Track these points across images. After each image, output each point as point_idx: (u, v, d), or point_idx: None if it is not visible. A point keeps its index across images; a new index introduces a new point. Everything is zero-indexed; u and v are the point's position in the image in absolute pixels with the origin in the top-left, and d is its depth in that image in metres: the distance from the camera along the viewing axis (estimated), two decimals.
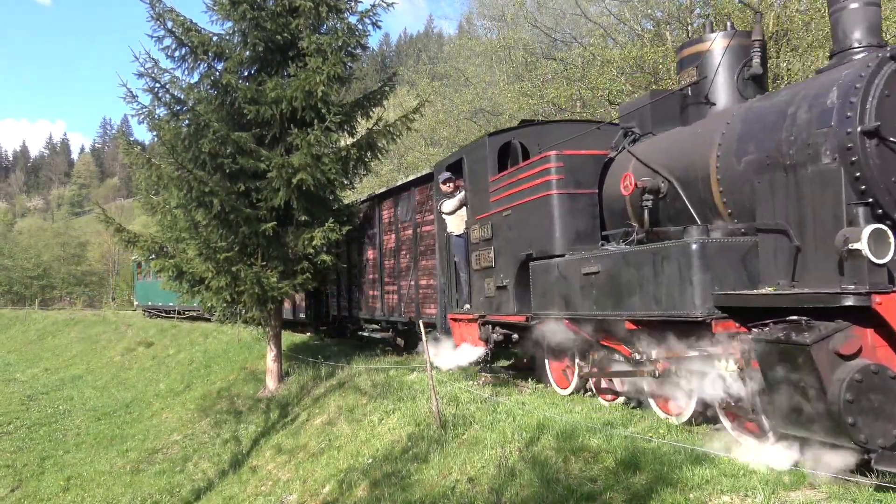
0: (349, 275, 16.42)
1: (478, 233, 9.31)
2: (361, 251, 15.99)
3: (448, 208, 10.13)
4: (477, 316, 9.32)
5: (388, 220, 14.48)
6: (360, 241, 16.04)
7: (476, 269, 9.40)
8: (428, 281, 12.40)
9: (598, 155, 7.74)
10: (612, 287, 6.41)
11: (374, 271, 15.11)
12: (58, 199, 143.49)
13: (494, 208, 8.74)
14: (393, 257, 14.07)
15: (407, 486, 6.92)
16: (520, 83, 22.68)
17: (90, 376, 25.33)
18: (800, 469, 4.91)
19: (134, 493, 11.26)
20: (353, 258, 16.38)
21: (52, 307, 59.01)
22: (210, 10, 13.23)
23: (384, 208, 14.79)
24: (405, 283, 13.33)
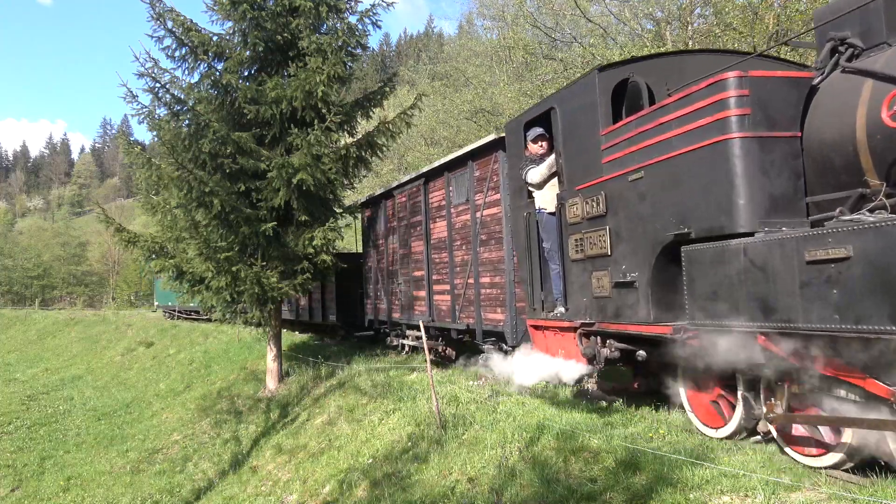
0: (388, 271, 14.68)
1: (578, 209, 6.70)
2: (406, 242, 13.74)
3: (536, 177, 7.42)
4: (578, 324, 6.77)
5: (437, 203, 12.33)
6: (403, 230, 13.87)
7: (576, 258, 6.81)
8: (492, 278, 10.34)
9: (800, 78, 5.21)
10: (883, 285, 3.91)
11: (420, 267, 13.00)
12: (58, 199, 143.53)
13: (610, 172, 6.20)
14: (444, 250, 11.98)
15: (407, 486, 6.92)
16: (520, 83, 22.69)
17: (90, 376, 25.33)
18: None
19: (134, 493, 11.26)
20: (394, 251, 14.37)
21: (53, 307, 59.08)
22: (210, 10, 13.24)
23: (433, 189, 12.50)
24: (460, 280, 11.36)
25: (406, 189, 13.65)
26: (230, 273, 12.06)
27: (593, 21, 18.76)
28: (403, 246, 13.74)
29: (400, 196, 14.03)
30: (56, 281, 69.31)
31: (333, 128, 12.89)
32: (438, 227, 12.27)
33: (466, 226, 11.15)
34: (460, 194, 11.38)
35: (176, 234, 13.16)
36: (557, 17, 20.77)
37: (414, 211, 13.25)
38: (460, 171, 11.37)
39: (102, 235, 64.69)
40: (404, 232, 13.73)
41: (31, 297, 66.01)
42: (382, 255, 15.02)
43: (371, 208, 16.21)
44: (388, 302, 14.66)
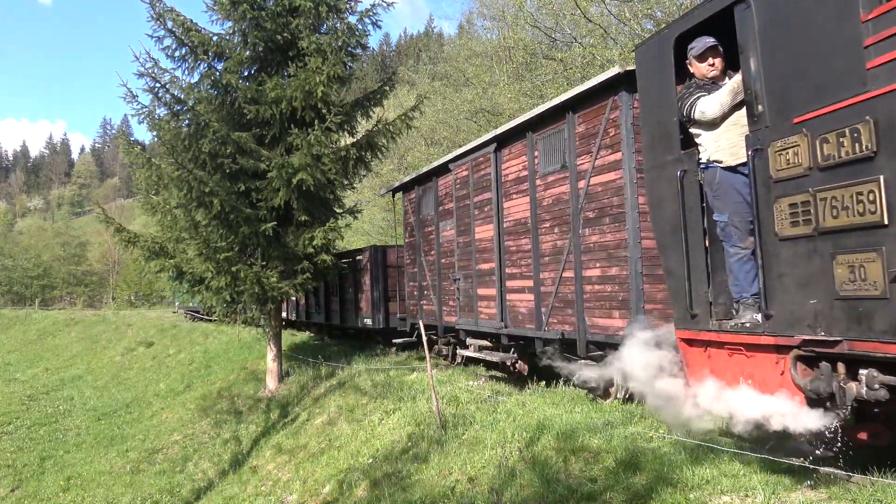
0: (440, 265, 12.48)
1: (802, 153, 4.13)
2: (466, 228, 11.32)
3: (716, 109, 4.90)
4: (797, 340, 4.22)
5: (514, 174, 9.89)
6: (462, 212, 11.48)
7: (793, 234, 4.24)
8: (605, 270, 7.94)
9: None
10: None
11: (487, 258, 10.65)
12: (58, 199, 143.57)
13: (888, 82, 3.65)
14: (525, 234, 9.59)
15: (407, 486, 6.92)
16: (520, 83, 22.69)
17: (90, 376, 25.33)
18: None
19: (134, 493, 11.26)
20: (448, 239, 12.10)
21: (53, 307, 59.09)
22: (210, 10, 13.25)
23: (508, 157, 10.12)
24: (550, 273, 9.00)
25: (467, 160, 11.28)
26: (230, 273, 12.06)
27: (593, 21, 18.75)
28: (463, 232, 11.42)
29: (459, 170, 11.64)
30: (56, 281, 69.33)
31: (333, 128, 12.89)
32: (516, 206, 9.83)
33: (562, 201, 8.70)
34: (551, 160, 8.95)
35: (176, 234, 13.17)
36: (557, 17, 20.77)
37: (479, 187, 10.82)
38: (552, 130, 8.90)
39: (102, 235, 64.71)
40: (464, 214, 11.35)
41: (31, 297, 66.01)
42: (431, 245, 12.84)
43: (414, 190, 13.99)
44: (438, 302, 12.47)
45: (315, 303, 20.37)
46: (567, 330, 8.63)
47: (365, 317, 16.14)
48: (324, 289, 18.87)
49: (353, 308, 16.93)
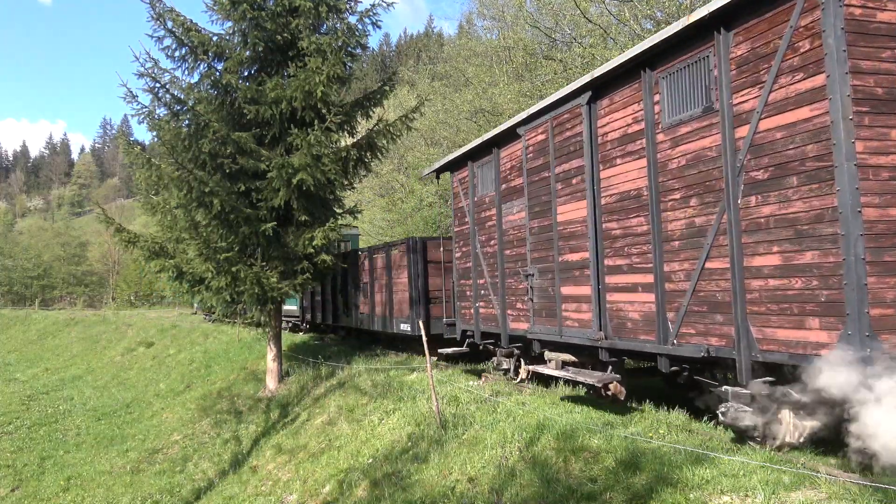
0: (503, 257, 10.22)
1: None
2: (543, 207, 8.93)
3: None
4: None
5: (620, 131, 7.51)
6: (537, 188, 9.10)
7: None
8: (790, 256, 5.53)
9: None
10: None
11: (577, 245, 8.23)
12: (58, 199, 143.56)
13: None
14: (636, 212, 7.26)
15: (407, 485, 6.92)
16: (520, 83, 22.68)
17: (90, 376, 25.32)
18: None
19: (134, 493, 11.26)
20: (515, 224, 9.84)
21: (53, 307, 59.09)
22: (210, 10, 13.26)
23: (607, 109, 7.72)
24: (682, 265, 6.66)
25: (544, 121, 8.85)
26: (230, 273, 12.07)
27: (593, 21, 18.76)
28: (538, 214, 9.03)
29: (531, 135, 9.23)
30: (56, 281, 69.28)
31: (333, 128, 12.90)
32: (622, 174, 7.45)
33: (704, 160, 6.37)
34: (684, 103, 6.63)
35: (176, 235, 13.17)
36: (557, 17, 20.78)
37: (564, 153, 8.43)
38: (685, 60, 6.62)
39: (102, 235, 64.70)
40: (540, 191, 8.96)
41: (31, 297, 65.99)
42: (490, 234, 10.63)
43: (466, 167, 11.51)
44: (500, 305, 10.21)
45: (343, 303, 18.08)
46: (716, 344, 6.23)
47: (401, 321, 13.94)
48: (352, 287, 17.23)
49: (387, 311, 14.64)
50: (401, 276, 14.16)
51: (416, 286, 13.56)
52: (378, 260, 15.53)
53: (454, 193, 12.25)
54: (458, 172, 12.05)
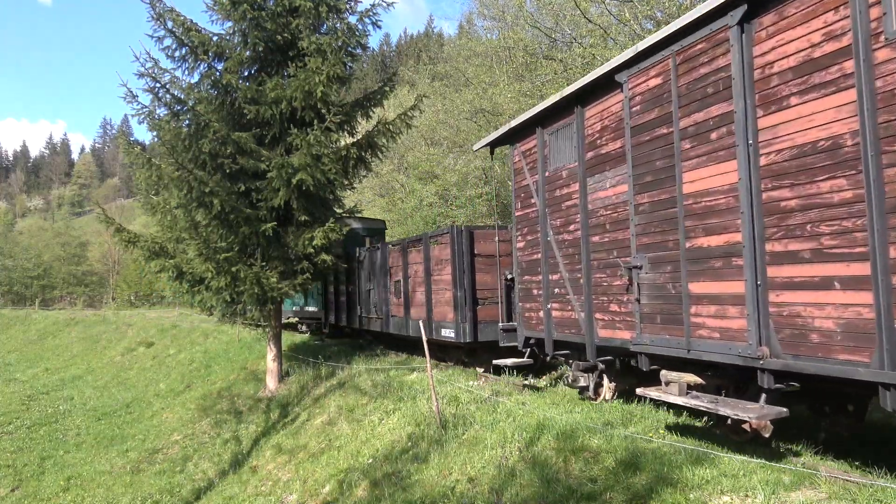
0: (586, 244, 8.20)
1: None
2: (661, 178, 6.88)
3: None
4: None
5: (800, 57, 5.42)
6: (641, 153, 7.18)
7: None
8: None
9: None
10: None
11: (712, 226, 6.23)
12: (58, 199, 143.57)
13: None
14: (827, 173, 5.18)
15: (407, 486, 6.92)
16: (520, 83, 22.69)
17: (90, 376, 25.32)
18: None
19: (134, 493, 11.26)
20: (608, 202, 7.84)
21: (53, 307, 59.09)
22: (210, 10, 13.26)
23: (774, 27, 5.64)
24: None
25: (662, 58, 6.85)
26: (230, 273, 12.07)
27: (593, 22, 18.76)
28: (650, 186, 7.01)
29: (639, 80, 7.22)
30: (56, 281, 69.28)
31: (333, 128, 12.90)
32: (802, 119, 5.38)
33: None
34: None
35: (176, 235, 13.17)
36: (557, 17, 20.78)
37: (694, 99, 6.43)
38: None
39: (102, 235, 64.72)
40: (653, 154, 6.97)
41: (31, 297, 65.99)
42: (568, 216, 8.52)
43: (534, 136, 9.38)
44: (584, 306, 8.18)
45: (373, 304, 15.65)
46: None
47: (443, 326, 11.97)
48: (382, 286, 15.06)
49: (426, 314, 12.68)
50: (443, 272, 12.14)
51: (462, 284, 11.60)
52: (414, 254, 13.40)
53: (515, 170, 9.98)
54: (522, 143, 9.76)
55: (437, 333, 12.25)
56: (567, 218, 8.64)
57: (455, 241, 11.77)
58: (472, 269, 11.67)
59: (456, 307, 11.65)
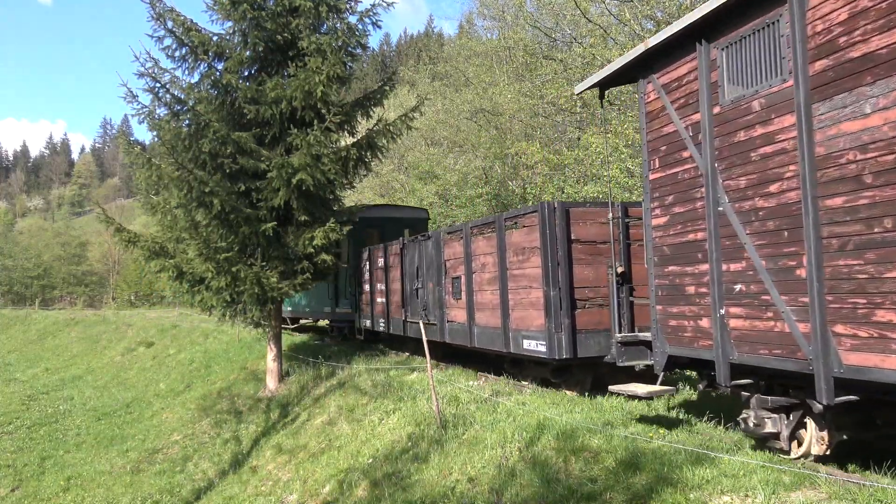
0: (812, 206, 5.17)
1: None
2: None
3: None
4: None
5: None
6: None
7: None
8: None
9: None
10: None
11: None
12: (58, 198, 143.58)
13: None
14: None
15: (407, 485, 6.92)
16: (520, 83, 22.70)
17: (90, 376, 25.32)
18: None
19: (134, 493, 11.26)
20: (856, 136, 4.83)
21: (53, 307, 59.07)
22: (210, 10, 13.26)
23: None
24: None
25: None
26: (230, 273, 12.06)
27: (593, 22, 18.76)
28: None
29: None
30: (56, 281, 69.28)
31: (333, 128, 12.91)
32: None
33: None
34: None
35: (176, 234, 13.17)
36: (557, 17, 20.79)
37: None
38: None
39: (102, 235, 64.70)
40: None
41: (31, 297, 65.96)
42: (766, 170, 5.66)
43: (693, 55, 6.48)
44: (815, 313, 5.14)
45: (425, 302, 12.49)
46: None
47: (525, 336, 9.13)
48: (434, 283, 12.08)
49: (501, 320, 9.70)
50: (526, 264, 9.13)
51: (556, 281, 8.58)
52: (480, 243, 10.40)
53: (648, 114, 7.19)
54: (664, 72, 6.94)
55: (516, 346, 9.36)
56: (764, 173, 5.66)
57: (546, 223, 8.67)
58: (569, 261, 8.66)
59: (548, 311, 8.58)
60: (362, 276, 15.99)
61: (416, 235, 13.26)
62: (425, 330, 9.95)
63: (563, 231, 8.70)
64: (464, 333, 10.95)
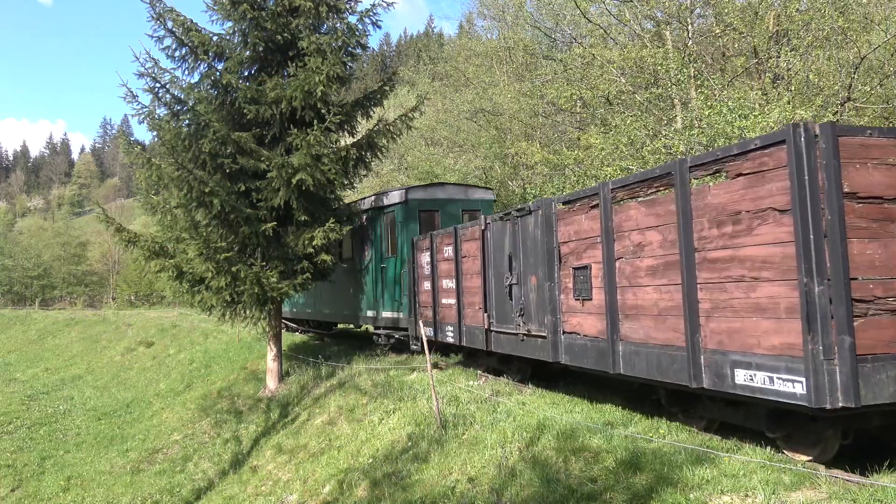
0: None
1: None
2: None
3: None
4: None
5: None
6: None
7: None
8: None
9: None
10: None
11: None
12: (58, 198, 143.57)
13: None
14: None
15: (407, 485, 6.92)
16: (520, 83, 22.70)
17: (90, 376, 25.32)
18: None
19: (134, 492, 11.26)
20: None
21: (53, 307, 59.07)
22: (210, 10, 13.26)
23: None
24: None
25: None
26: (230, 273, 12.06)
27: (593, 22, 18.76)
28: None
29: None
30: (56, 281, 69.23)
31: (333, 128, 12.91)
32: None
33: None
34: None
35: (176, 234, 13.16)
36: (557, 17, 20.79)
37: None
38: None
39: (102, 235, 64.67)
40: None
41: (31, 297, 65.95)
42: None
43: None
44: None
45: (524, 304, 8.68)
46: None
47: (748, 363, 5.24)
48: (550, 272, 8.05)
49: (679, 332, 5.92)
50: (746, 239, 5.31)
51: (821, 266, 4.75)
52: (637, 212, 6.62)
53: None
54: None
55: (718, 378, 5.50)
56: None
57: (802, 162, 4.85)
58: (841, 231, 4.80)
59: (807, 321, 4.73)
60: (419, 270, 12.41)
61: (508, 210, 9.31)
62: (524, 345, 8.13)
63: (834, 177, 4.80)
64: (598, 352, 7.12)
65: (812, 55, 14.29)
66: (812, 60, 14.29)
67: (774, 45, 14.93)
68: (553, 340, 8.00)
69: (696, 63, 15.68)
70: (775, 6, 15.07)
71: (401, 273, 13.69)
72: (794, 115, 11.54)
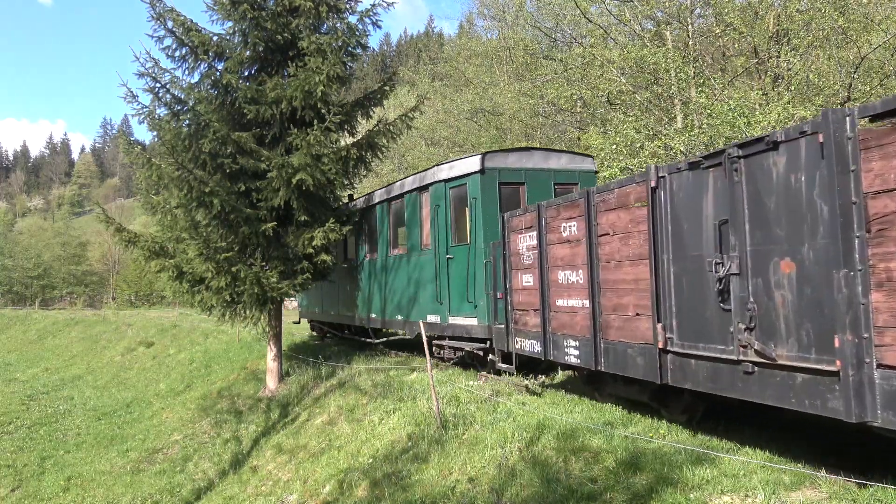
0: None
1: None
2: None
3: None
4: None
5: None
6: None
7: None
8: None
9: None
10: None
11: None
12: (58, 198, 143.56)
13: None
14: None
15: (407, 485, 6.92)
16: (520, 83, 22.70)
17: (90, 376, 25.32)
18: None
19: (134, 493, 11.26)
20: None
21: (53, 307, 59.08)
22: (210, 10, 13.24)
23: None
24: None
25: None
26: (230, 273, 12.06)
27: (593, 21, 18.76)
28: None
29: None
30: (56, 281, 69.23)
31: (333, 128, 12.89)
32: None
33: None
34: None
35: (176, 234, 13.16)
36: (557, 17, 20.79)
37: None
38: None
39: (102, 235, 64.67)
40: None
41: (31, 297, 65.95)
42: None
43: None
44: None
45: (786, 303, 4.84)
46: None
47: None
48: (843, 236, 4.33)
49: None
50: None
51: None
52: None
53: None
54: None
55: None
56: None
57: None
58: None
59: None
60: (513, 259, 9.22)
61: (721, 149, 5.56)
62: (754, 382, 5.00)
63: None
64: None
65: (812, 55, 14.31)
66: (812, 60, 14.30)
67: (774, 44, 14.94)
68: (856, 381, 4.26)
69: (697, 63, 15.68)
70: (775, 6, 15.08)
71: (475, 266, 10.62)
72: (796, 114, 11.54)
